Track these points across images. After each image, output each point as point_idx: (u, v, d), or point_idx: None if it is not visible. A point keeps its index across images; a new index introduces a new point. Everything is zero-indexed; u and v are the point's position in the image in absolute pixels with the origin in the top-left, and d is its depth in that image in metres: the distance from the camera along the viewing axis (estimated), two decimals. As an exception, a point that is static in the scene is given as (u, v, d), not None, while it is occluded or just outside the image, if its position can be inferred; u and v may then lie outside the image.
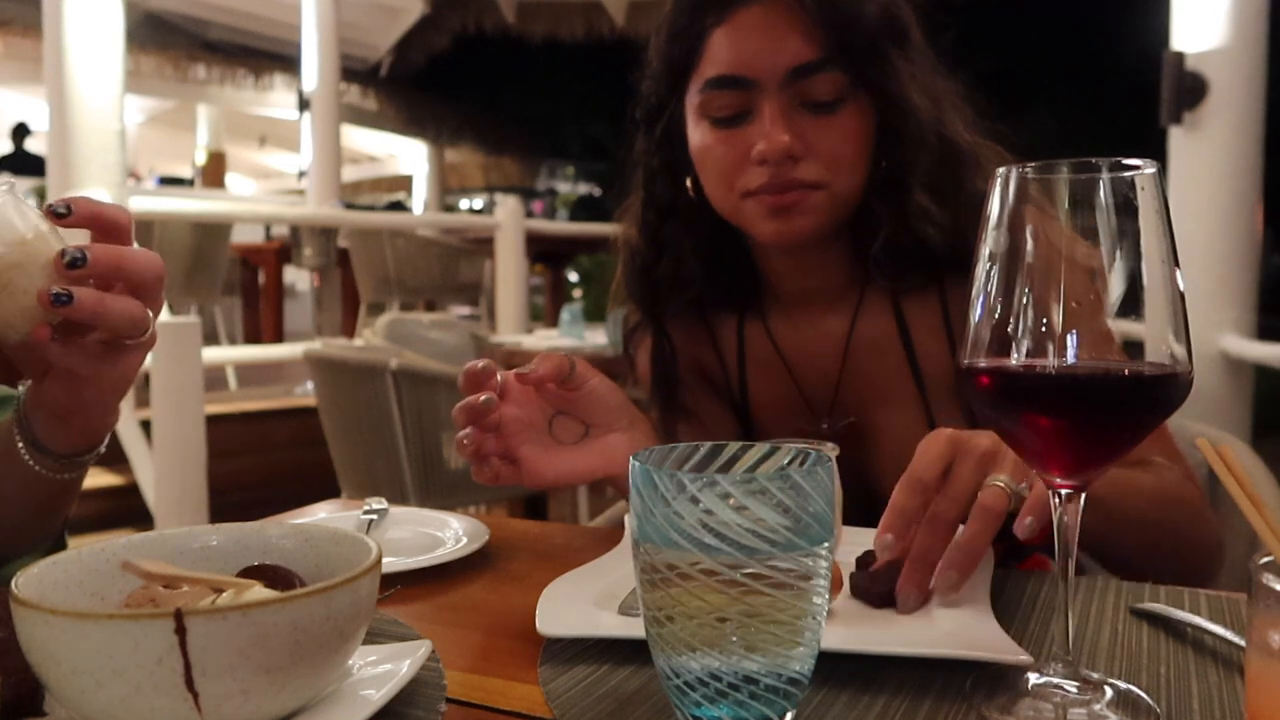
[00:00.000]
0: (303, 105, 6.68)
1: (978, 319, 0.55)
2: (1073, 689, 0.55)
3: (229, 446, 3.84)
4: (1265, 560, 0.43)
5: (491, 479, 0.86)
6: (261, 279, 6.50)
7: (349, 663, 0.53)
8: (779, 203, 0.93)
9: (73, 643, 0.44)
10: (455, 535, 0.89)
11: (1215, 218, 3.04)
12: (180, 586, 0.52)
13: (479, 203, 15.44)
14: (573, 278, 10.03)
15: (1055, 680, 0.56)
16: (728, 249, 1.05)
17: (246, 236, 7.05)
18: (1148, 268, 0.52)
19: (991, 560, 0.75)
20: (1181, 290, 0.52)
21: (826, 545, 0.49)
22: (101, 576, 0.54)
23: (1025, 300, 0.53)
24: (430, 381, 2.67)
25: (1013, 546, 0.97)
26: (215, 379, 4.86)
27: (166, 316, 3.41)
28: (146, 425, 3.42)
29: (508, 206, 5.43)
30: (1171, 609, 0.68)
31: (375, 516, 0.95)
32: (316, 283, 6.73)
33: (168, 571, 0.53)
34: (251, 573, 0.56)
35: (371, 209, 9.29)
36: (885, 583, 0.69)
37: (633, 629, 0.60)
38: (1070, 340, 0.52)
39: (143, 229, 3.67)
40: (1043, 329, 0.52)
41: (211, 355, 4.23)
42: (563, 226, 8.55)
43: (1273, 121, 3.16)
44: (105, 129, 3.42)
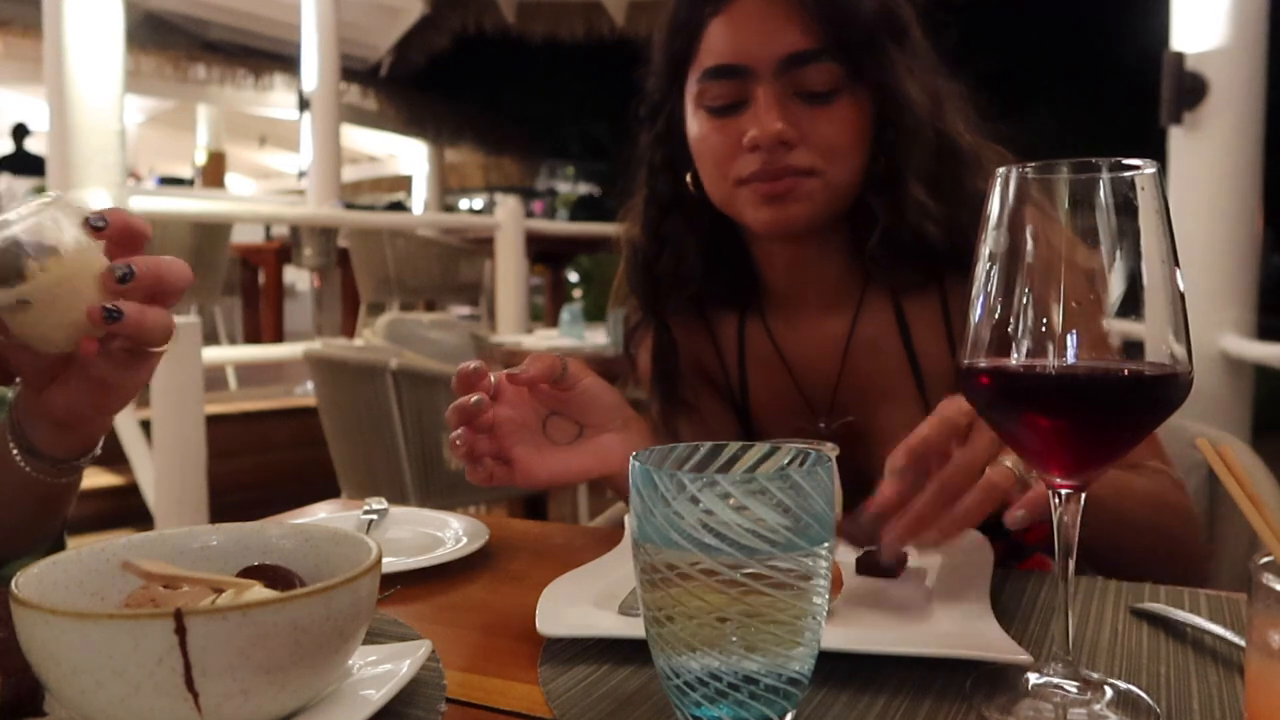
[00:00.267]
0: (303, 105, 6.68)
1: (978, 319, 0.55)
2: (1073, 689, 0.55)
3: (229, 446, 3.83)
4: (1265, 560, 0.43)
5: (485, 480, 0.86)
6: (261, 279, 6.50)
7: (349, 663, 0.53)
8: (771, 190, 0.94)
9: (73, 643, 0.44)
10: (455, 535, 0.89)
11: (1215, 218, 3.04)
12: (180, 586, 0.52)
13: (479, 203, 15.44)
14: (573, 278, 10.02)
15: (1055, 680, 0.56)
16: (728, 246, 1.05)
17: (246, 236, 7.05)
18: (1148, 268, 0.52)
19: (991, 560, 0.75)
20: (1181, 290, 0.52)
21: (826, 545, 0.49)
22: (101, 576, 0.54)
23: (1025, 300, 0.53)
24: (430, 381, 2.66)
25: (1012, 546, 0.97)
26: (215, 379, 4.85)
27: (166, 316, 3.40)
28: (146, 425, 3.41)
29: (508, 206, 5.43)
30: (1171, 609, 0.68)
31: (375, 516, 0.95)
32: (316, 283, 6.72)
33: (168, 571, 0.53)
34: (251, 573, 0.57)
35: (371, 209, 9.28)
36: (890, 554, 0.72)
37: (633, 629, 0.60)
38: (1070, 340, 0.52)
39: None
40: (1043, 329, 0.52)
41: (211, 355, 4.24)
42: (563, 226, 8.54)
43: (1273, 121, 3.16)
44: (105, 129, 3.42)
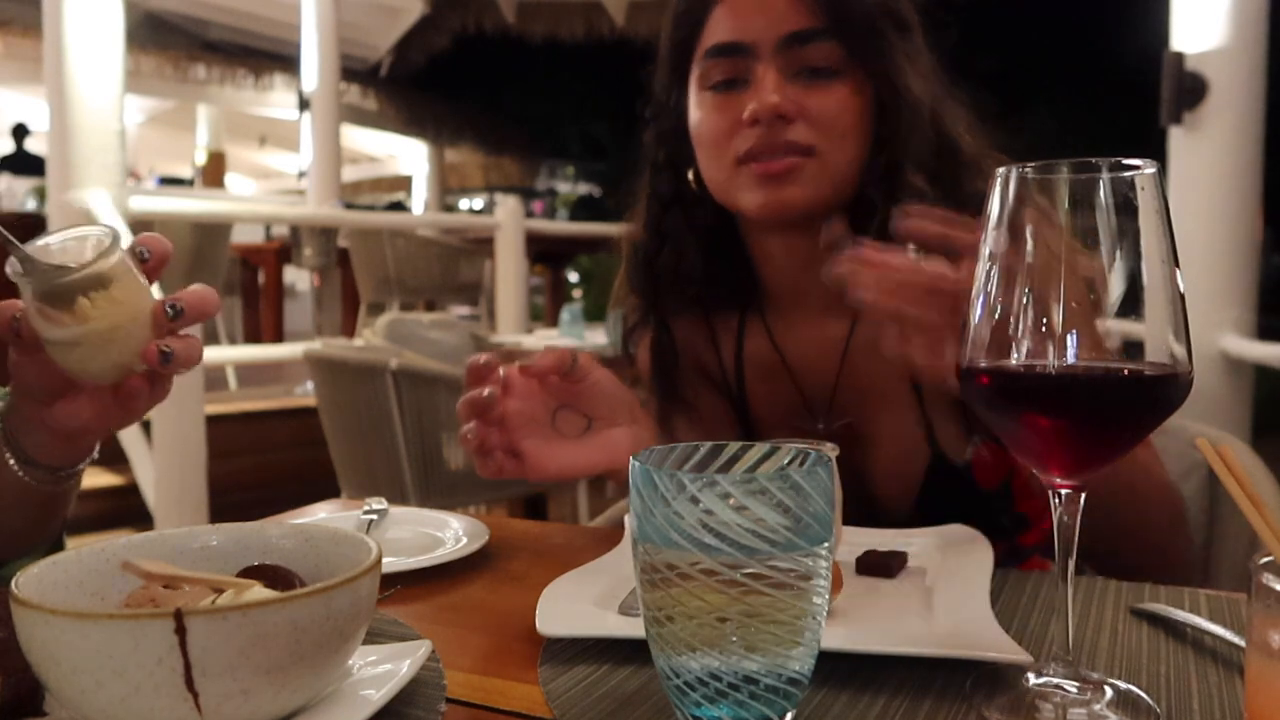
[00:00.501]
0: (303, 105, 6.69)
1: (978, 319, 0.55)
2: (1073, 689, 0.55)
3: (229, 446, 3.83)
4: (1265, 560, 0.43)
5: (495, 473, 0.86)
6: (261, 279, 6.50)
7: (349, 663, 0.53)
8: (768, 170, 0.93)
9: (73, 643, 0.44)
10: (455, 535, 0.89)
11: (1215, 218, 3.05)
12: (180, 586, 0.52)
13: (479, 203, 15.42)
14: (573, 278, 10.01)
15: (1055, 680, 0.56)
16: (728, 246, 1.05)
17: (246, 236, 7.05)
18: (1148, 268, 0.52)
19: (991, 560, 0.75)
20: (1181, 290, 0.52)
21: (826, 545, 0.49)
22: (101, 576, 0.54)
23: (1025, 300, 0.53)
24: (430, 381, 2.66)
25: (1011, 548, 0.97)
26: (215, 379, 4.86)
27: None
28: (146, 425, 3.41)
29: (508, 206, 5.43)
30: (1171, 609, 0.68)
31: (375, 516, 0.95)
32: (316, 283, 6.72)
33: (168, 571, 0.53)
34: (251, 573, 0.57)
35: (371, 209, 9.29)
36: (890, 555, 0.76)
37: (633, 629, 0.60)
38: (1070, 340, 0.52)
39: (143, 229, 3.66)
40: (1043, 329, 0.52)
41: (211, 355, 4.23)
42: (563, 226, 8.55)
43: (1273, 121, 3.16)
44: (105, 129, 3.42)
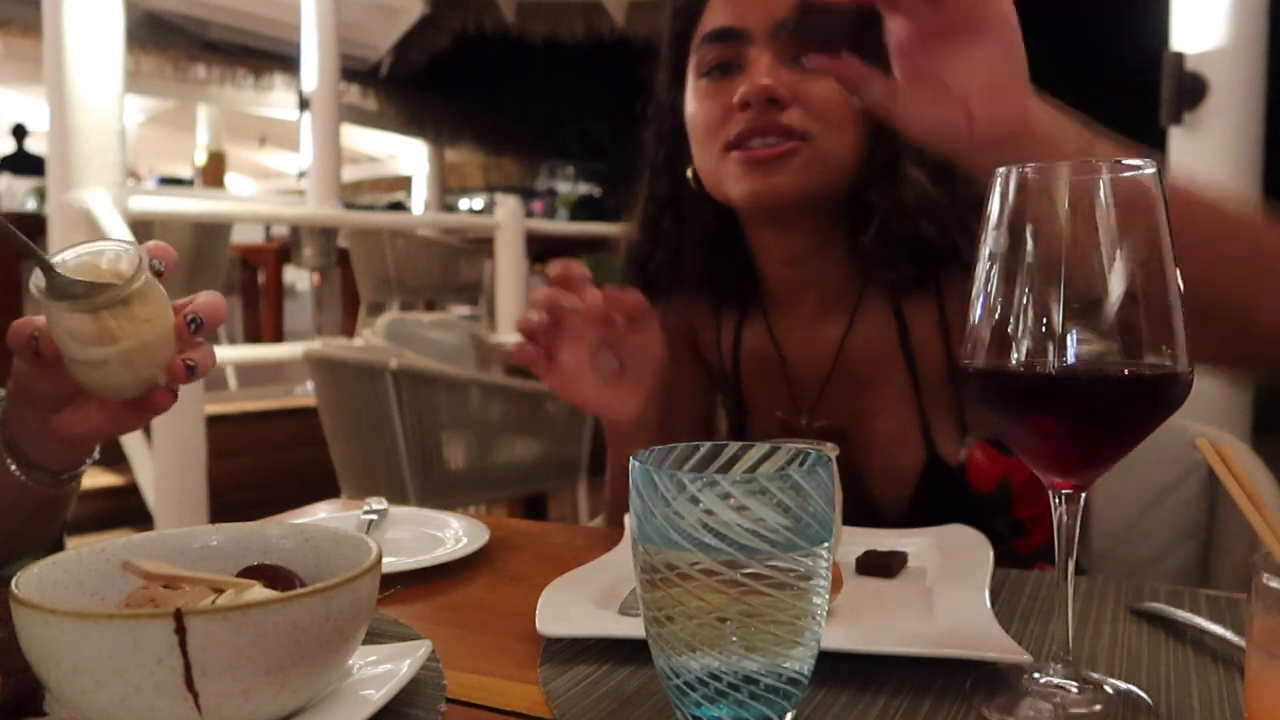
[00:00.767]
0: (303, 105, 6.69)
1: (978, 319, 0.55)
2: (1073, 689, 0.55)
3: (229, 446, 3.83)
4: (1265, 560, 0.43)
5: (530, 360, 0.89)
6: (261, 279, 6.49)
7: (349, 663, 0.53)
8: (751, 155, 0.92)
9: (73, 643, 0.44)
10: (455, 535, 0.89)
11: (1215, 218, 3.04)
12: (180, 586, 0.52)
13: (479, 203, 15.41)
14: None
15: (1055, 680, 0.56)
16: (729, 245, 1.05)
17: (246, 236, 7.05)
18: (1148, 268, 0.52)
19: (991, 560, 0.75)
20: (1182, 290, 0.52)
21: (826, 545, 0.49)
22: (101, 576, 0.54)
23: (1025, 300, 0.53)
24: (430, 381, 2.66)
25: (1010, 555, 0.97)
26: (215, 379, 4.85)
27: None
28: (146, 426, 3.41)
29: (508, 206, 5.43)
30: (1172, 609, 0.68)
31: (375, 516, 0.95)
32: (316, 283, 6.73)
33: (168, 571, 0.53)
34: (251, 573, 0.57)
35: (371, 209, 9.29)
36: (890, 555, 0.77)
37: (633, 629, 0.60)
38: (1070, 340, 0.52)
39: (143, 229, 3.66)
40: (1043, 329, 0.52)
41: (211, 355, 4.22)
42: (563, 226, 8.54)
43: (1273, 121, 3.16)
44: (105, 129, 3.42)
